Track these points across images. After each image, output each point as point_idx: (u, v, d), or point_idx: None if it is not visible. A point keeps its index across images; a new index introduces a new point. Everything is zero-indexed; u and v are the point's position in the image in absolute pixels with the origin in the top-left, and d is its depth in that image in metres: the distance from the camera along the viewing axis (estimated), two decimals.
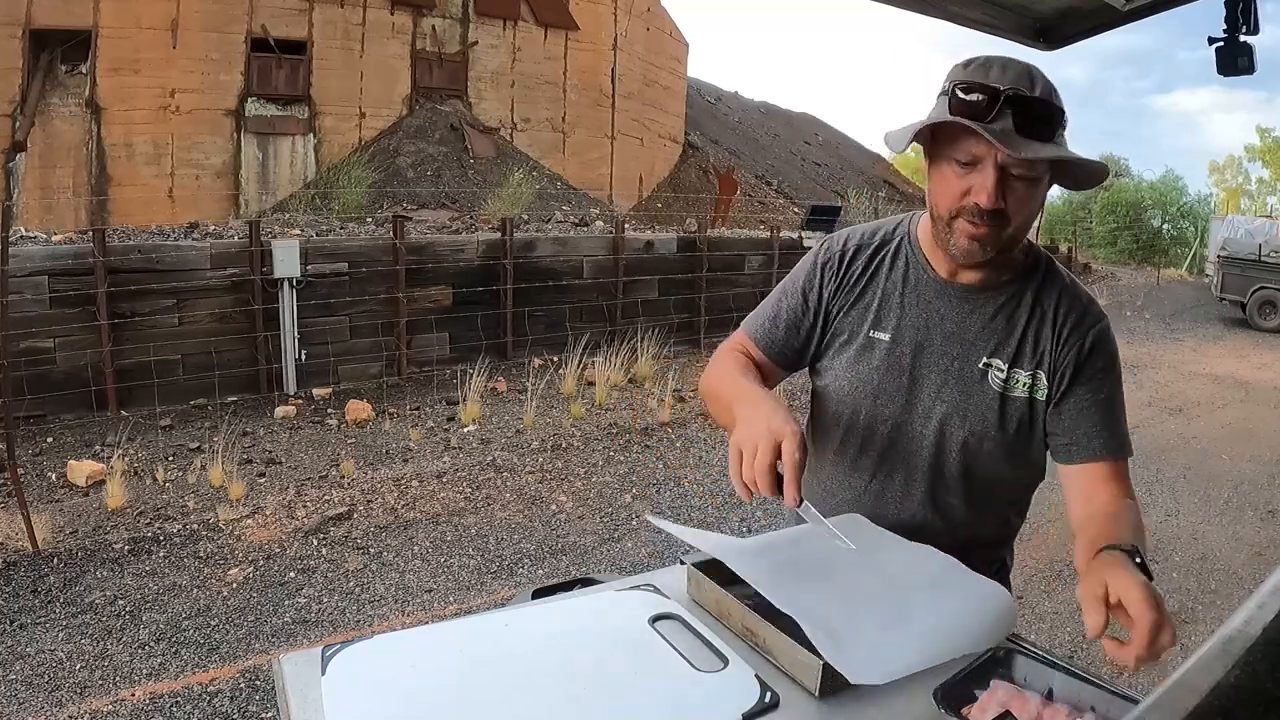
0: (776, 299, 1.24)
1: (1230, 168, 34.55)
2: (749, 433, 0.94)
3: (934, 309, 1.14)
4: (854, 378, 1.17)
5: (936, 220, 1.07)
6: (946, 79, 1.03)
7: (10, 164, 10.72)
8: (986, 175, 0.98)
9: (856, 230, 1.23)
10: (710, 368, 1.23)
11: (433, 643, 0.86)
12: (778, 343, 1.22)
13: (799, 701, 0.76)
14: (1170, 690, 0.26)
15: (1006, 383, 1.11)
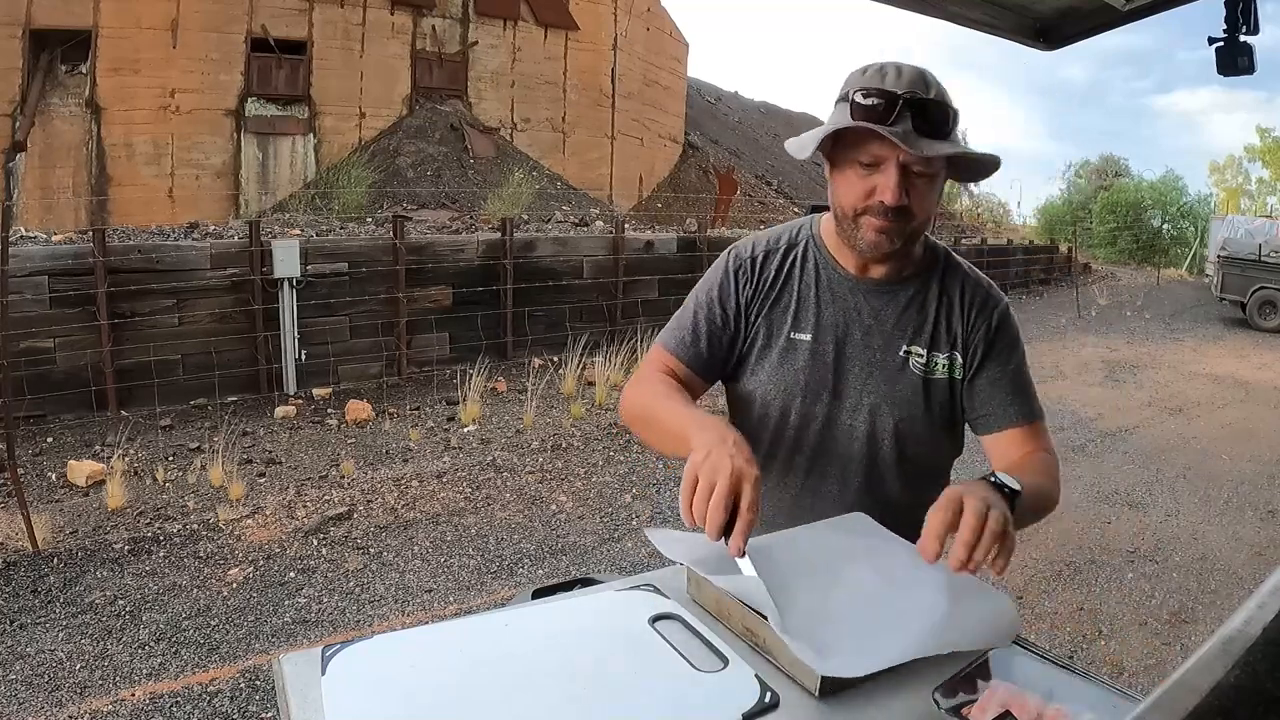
0: (692, 311, 1.23)
1: (1230, 168, 34.53)
2: (711, 464, 0.90)
3: (850, 305, 1.19)
4: (780, 380, 1.19)
5: (842, 219, 1.13)
6: (845, 86, 1.08)
7: (10, 164, 10.73)
8: (890, 175, 1.05)
9: (760, 236, 1.26)
10: (635, 390, 1.20)
11: (433, 643, 0.86)
12: (701, 356, 1.21)
13: (799, 701, 0.76)
14: (1170, 690, 0.26)
15: (927, 366, 1.17)
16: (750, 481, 0.88)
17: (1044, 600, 3.47)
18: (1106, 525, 4.34)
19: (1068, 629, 3.23)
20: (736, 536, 0.87)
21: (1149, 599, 3.49)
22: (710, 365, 1.22)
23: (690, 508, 0.89)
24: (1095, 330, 11.82)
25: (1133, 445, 5.92)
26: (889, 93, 1.03)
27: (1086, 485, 4.97)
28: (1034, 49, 1.69)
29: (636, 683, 0.77)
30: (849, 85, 1.07)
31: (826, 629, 0.82)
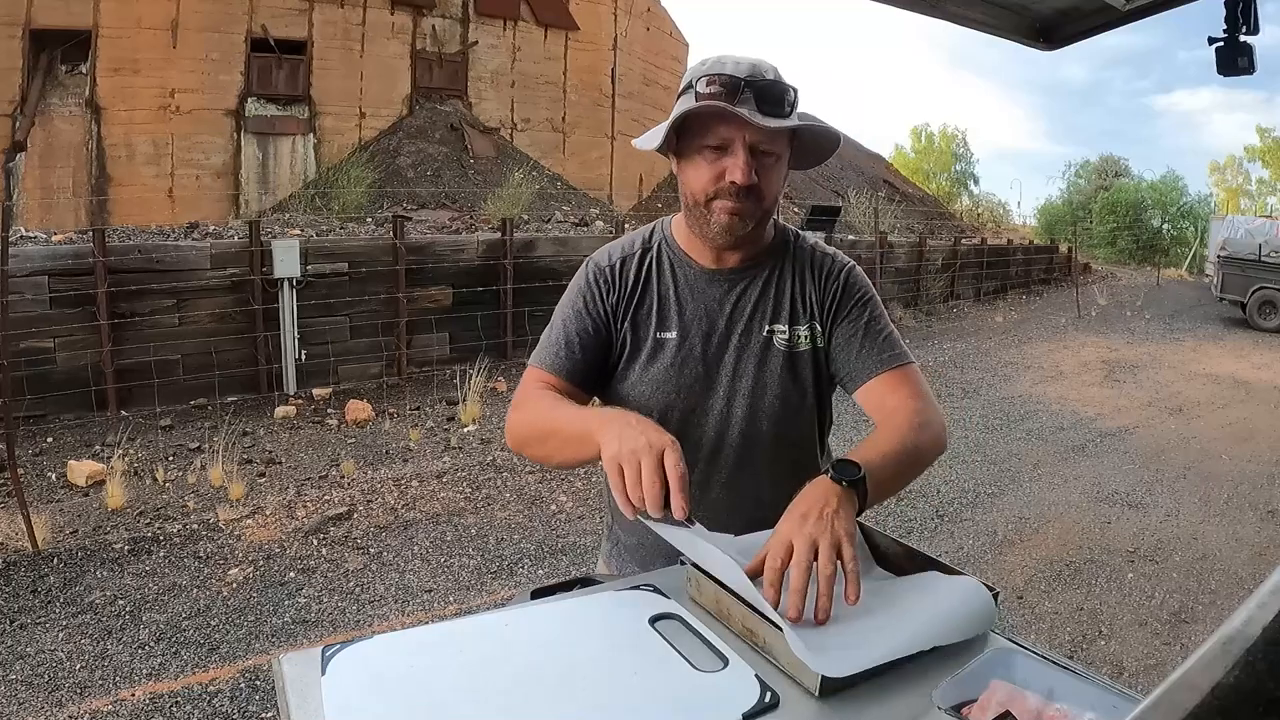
0: (561, 326, 1.23)
1: (1230, 168, 34.54)
2: (627, 447, 0.90)
3: (710, 297, 1.22)
4: (651, 380, 1.20)
5: (694, 208, 1.15)
6: (687, 78, 1.12)
7: (10, 164, 10.73)
8: (739, 154, 1.08)
9: (615, 244, 1.28)
10: (520, 411, 1.17)
11: (433, 643, 0.86)
12: (578, 368, 1.21)
13: (799, 701, 0.76)
14: (1170, 690, 0.26)
15: (790, 342, 1.21)
16: (668, 448, 0.89)
17: (1044, 600, 3.47)
18: (1106, 525, 4.34)
19: (1068, 629, 3.23)
20: (676, 498, 0.87)
21: (1149, 599, 3.49)
22: (587, 376, 1.22)
23: (626, 497, 0.89)
24: (1095, 330, 11.82)
25: (1133, 445, 5.92)
26: (730, 76, 1.07)
27: (1086, 485, 4.97)
28: (1034, 49, 1.69)
29: (636, 683, 0.77)
30: (691, 75, 1.11)
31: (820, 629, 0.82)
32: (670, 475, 0.88)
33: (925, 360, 9.00)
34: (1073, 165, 31.50)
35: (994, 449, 5.68)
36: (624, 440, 0.91)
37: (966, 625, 0.86)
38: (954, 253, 14.17)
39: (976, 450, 5.64)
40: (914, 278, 12.88)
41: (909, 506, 4.49)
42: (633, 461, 0.89)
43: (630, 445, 0.90)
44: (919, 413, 1.15)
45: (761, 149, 1.10)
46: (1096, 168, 30.44)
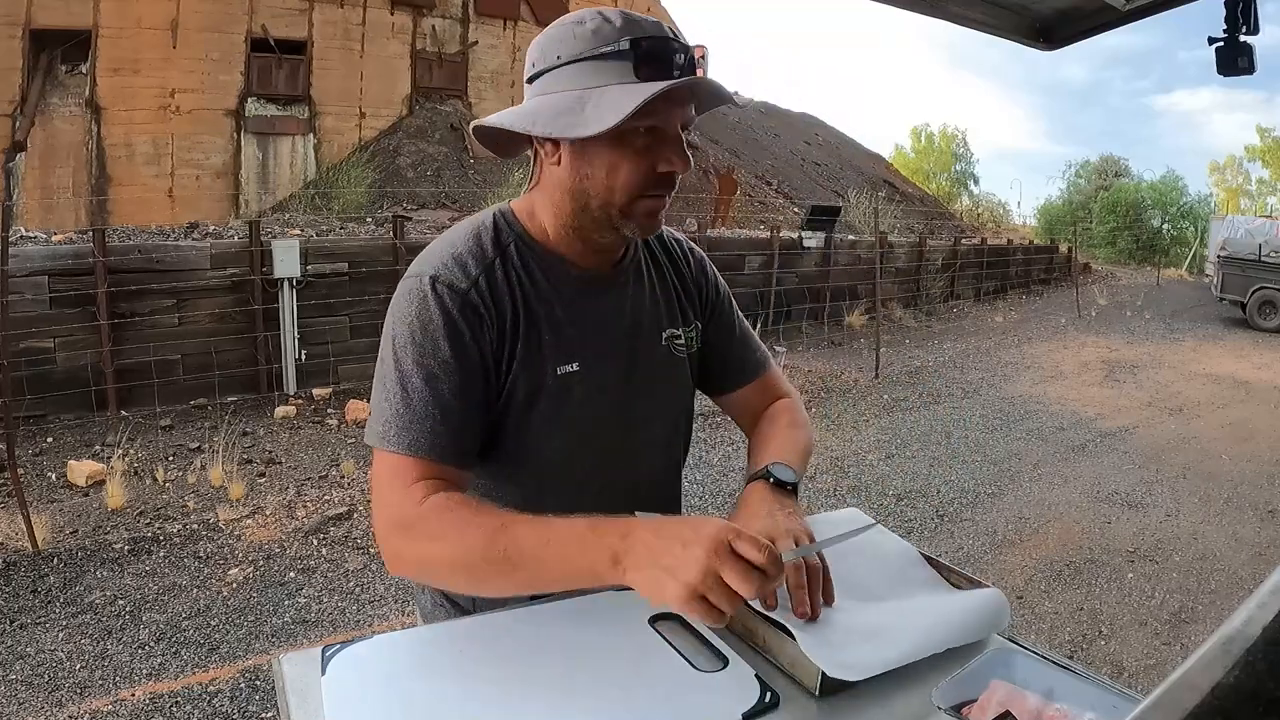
0: (421, 389, 0.87)
1: (1230, 168, 34.55)
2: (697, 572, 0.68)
3: (601, 309, 0.99)
4: (560, 427, 0.96)
5: (601, 209, 0.90)
6: (598, 39, 0.85)
7: (10, 164, 10.73)
8: (673, 140, 0.88)
9: (457, 251, 0.93)
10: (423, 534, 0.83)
11: (433, 643, 0.86)
12: (469, 443, 0.91)
13: (799, 701, 0.76)
14: (1170, 690, 0.26)
15: (686, 344, 1.08)
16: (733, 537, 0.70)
17: (1044, 600, 3.47)
18: (1106, 525, 4.34)
19: (1068, 629, 3.23)
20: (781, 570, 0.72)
21: (1149, 599, 3.49)
22: (475, 448, 0.92)
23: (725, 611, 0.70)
24: (1095, 330, 11.82)
25: (1133, 445, 5.92)
26: (671, 40, 0.86)
27: (1086, 485, 4.97)
28: (1034, 49, 1.70)
29: (636, 683, 0.77)
30: (604, 39, 0.85)
31: (830, 630, 0.82)
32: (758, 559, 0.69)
33: (925, 360, 9.01)
34: (1073, 165, 31.52)
35: (994, 449, 5.68)
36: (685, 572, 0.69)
37: (979, 627, 0.86)
38: (954, 253, 14.17)
39: (976, 450, 5.64)
40: (914, 278, 12.88)
41: (909, 507, 4.49)
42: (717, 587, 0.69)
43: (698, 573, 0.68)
44: (798, 411, 1.14)
45: (688, 126, 0.90)
46: (1096, 168, 30.45)
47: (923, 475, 5.04)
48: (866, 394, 7.24)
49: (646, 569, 0.71)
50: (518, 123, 0.90)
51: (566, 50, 0.87)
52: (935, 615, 0.87)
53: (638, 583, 0.72)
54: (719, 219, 13.24)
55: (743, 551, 0.69)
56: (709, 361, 1.13)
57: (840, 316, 10.76)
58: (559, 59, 0.87)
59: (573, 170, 0.90)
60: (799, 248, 10.50)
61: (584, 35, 0.86)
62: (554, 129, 0.87)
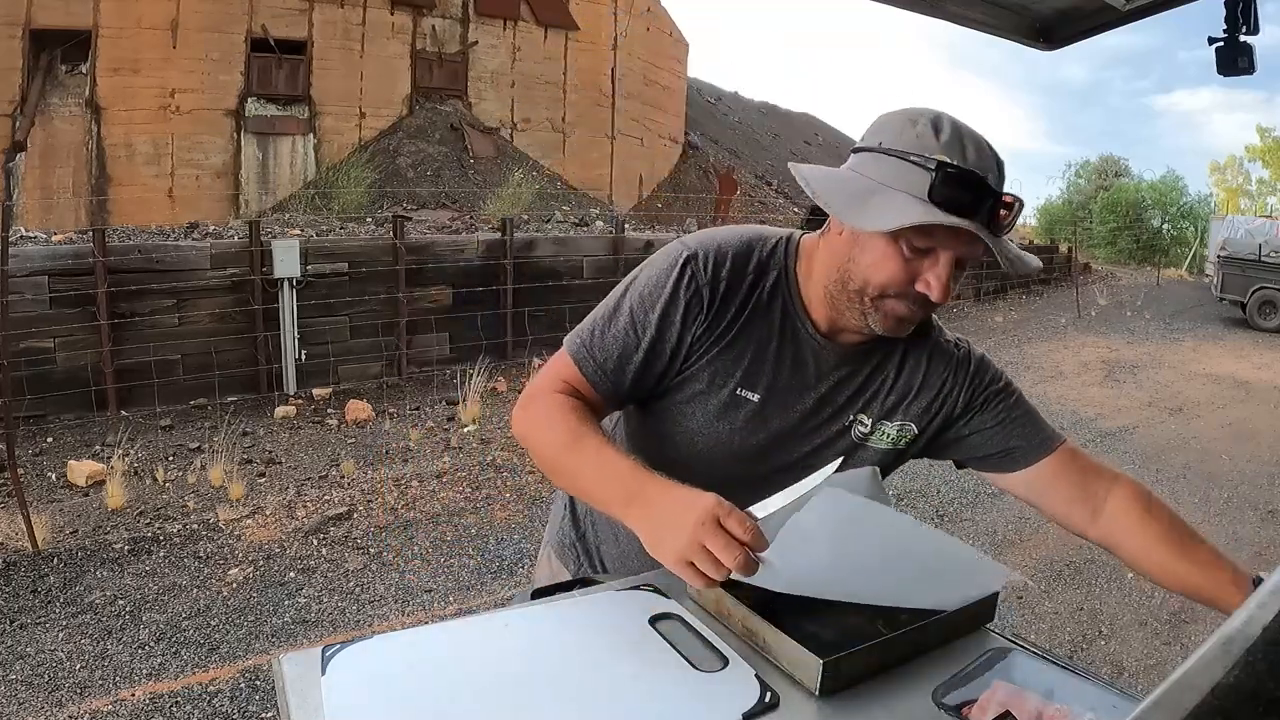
0: (622, 328, 1.00)
1: (1230, 168, 34.54)
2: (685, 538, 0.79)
3: (810, 369, 1.03)
4: (714, 435, 1.04)
5: (856, 294, 0.95)
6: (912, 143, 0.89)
7: (10, 164, 10.73)
8: (943, 268, 0.91)
9: (724, 245, 1.02)
10: (536, 422, 0.99)
11: (433, 643, 0.86)
12: (621, 387, 1.01)
13: (799, 701, 0.76)
14: (1170, 689, 0.26)
15: (870, 435, 1.06)
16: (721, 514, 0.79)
17: (1044, 600, 3.47)
18: None
19: (1068, 629, 3.23)
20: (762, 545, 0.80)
21: (1149, 599, 3.49)
22: (626, 398, 1.04)
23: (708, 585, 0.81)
24: (1095, 330, 11.82)
25: (1133, 445, 5.92)
26: (980, 179, 0.88)
27: None
28: (1034, 49, 1.69)
29: (636, 683, 0.77)
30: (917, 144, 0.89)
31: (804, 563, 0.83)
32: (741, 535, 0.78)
33: None
34: (1073, 165, 31.49)
35: None
36: (675, 536, 0.80)
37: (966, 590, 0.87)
38: None
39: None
40: None
41: (909, 507, 4.50)
42: (702, 555, 0.79)
43: (678, 539, 0.79)
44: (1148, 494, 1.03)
45: (963, 262, 0.92)
46: (1096, 168, 30.43)
47: (922, 475, 5.04)
48: None
49: (647, 524, 0.83)
50: (815, 187, 0.95)
51: (889, 139, 0.92)
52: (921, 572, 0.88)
53: (640, 532, 0.84)
54: (719, 219, 13.23)
55: (729, 526, 0.77)
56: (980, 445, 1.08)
57: None
58: (879, 144, 0.92)
59: (847, 247, 0.96)
60: None
61: (909, 135, 0.90)
62: (836, 209, 0.93)
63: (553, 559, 1.26)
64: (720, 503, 0.80)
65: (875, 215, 0.88)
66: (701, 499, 0.80)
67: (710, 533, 0.78)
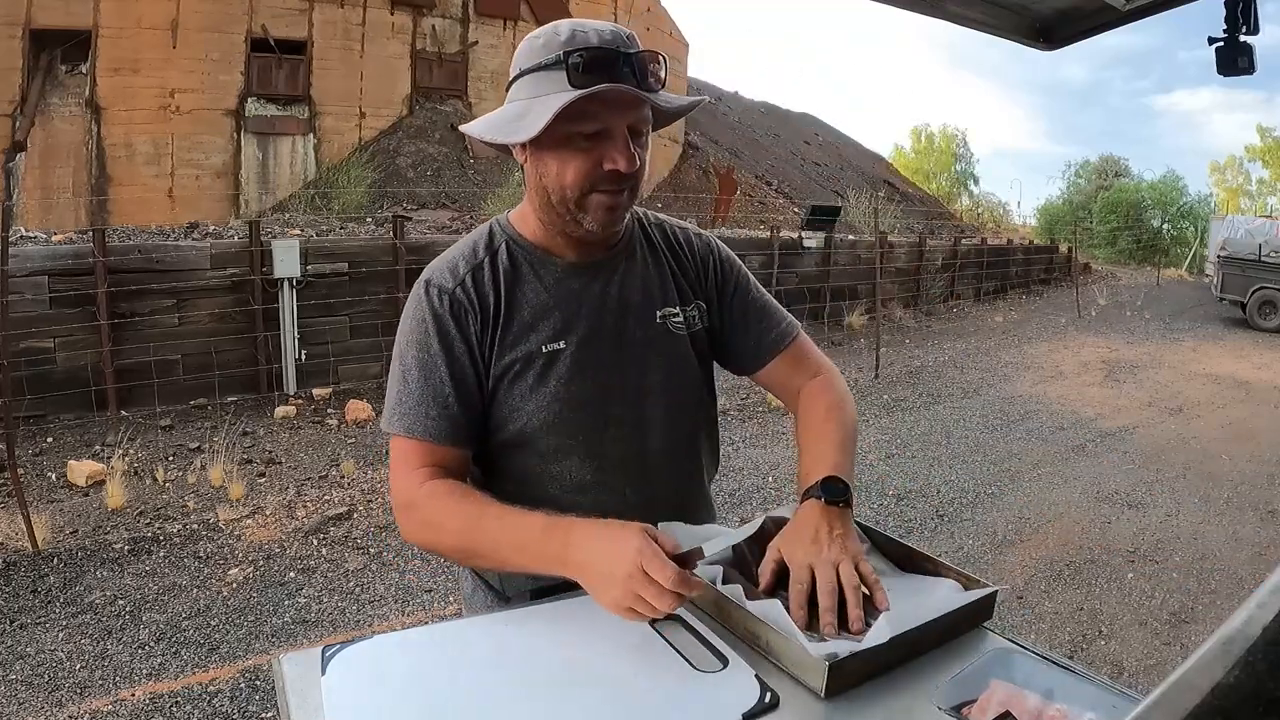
0: (421, 377, 1.01)
1: (1231, 168, 34.56)
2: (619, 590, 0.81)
3: (589, 293, 1.07)
4: (551, 400, 1.03)
5: (560, 205, 0.99)
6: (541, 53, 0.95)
7: (10, 164, 10.73)
8: (619, 141, 0.95)
9: (451, 258, 1.07)
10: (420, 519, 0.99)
11: (433, 643, 0.86)
12: (461, 426, 1.02)
13: (799, 701, 0.76)
14: (1170, 690, 0.26)
15: (686, 323, 1.11)
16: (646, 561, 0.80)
17: (1044, 600, 3.47)
18: (1106, 525, 4.34)
19: (1068, 629, 3.23)
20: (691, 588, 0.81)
21: (1149, 599, 3.49)
22: (471, 431, 1.04)
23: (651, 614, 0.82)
24: (1095, 330, 11.82)
25: (1133, 445, 5.92)
26: (609, 50, 0.92)
27: (1086, 485, 4.97)
28: (1034, 49, 1.69)
29: (636, 683, 0.77)
30: (545, 52, 0.94)
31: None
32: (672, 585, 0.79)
33: (925, 360, 9.01)
34: (1073, 165, 31.54)
35: (994, 449, 5.68)
36: (609, 588, 0.82)
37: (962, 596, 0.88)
38: (954, 253, 14.17)
39: (976, 450, 5.64)
40: (914, 278, 12.88)
41: (909, 507, 4.50)
42: (639, 602, 0.81)
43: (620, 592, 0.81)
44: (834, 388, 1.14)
45: (638, 129, 0.97)
46: (1096, 168, 30.45)
47: (922, 475, 5.04)
48: (866, 394, 7.24)
49: (584, 578, 0.86)
50: (473, 130, 1.01)
51: (523, 63, 0.97)
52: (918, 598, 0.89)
53: (582, 584, 0.86)
54: (719, 219, 13.23)
55: (654, 574, 0.79)
56: (729, 340, 1.15)
57: (840, 316, 10.76)
58: (519, 71, 0.98)
59: (534, 171, 1.00)
60: (799, 248, 10.50)
61: (535, 49, 0.96)
62: (497, 135, 0.98)
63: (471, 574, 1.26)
64: (643, 549, 0.81)
65: (532, 122, 0.92)
66: (626, 545, 0.82)
67: (641, 584, 0.80)
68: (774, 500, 4.56)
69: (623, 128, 0.95)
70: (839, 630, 0.83)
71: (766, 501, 4.52)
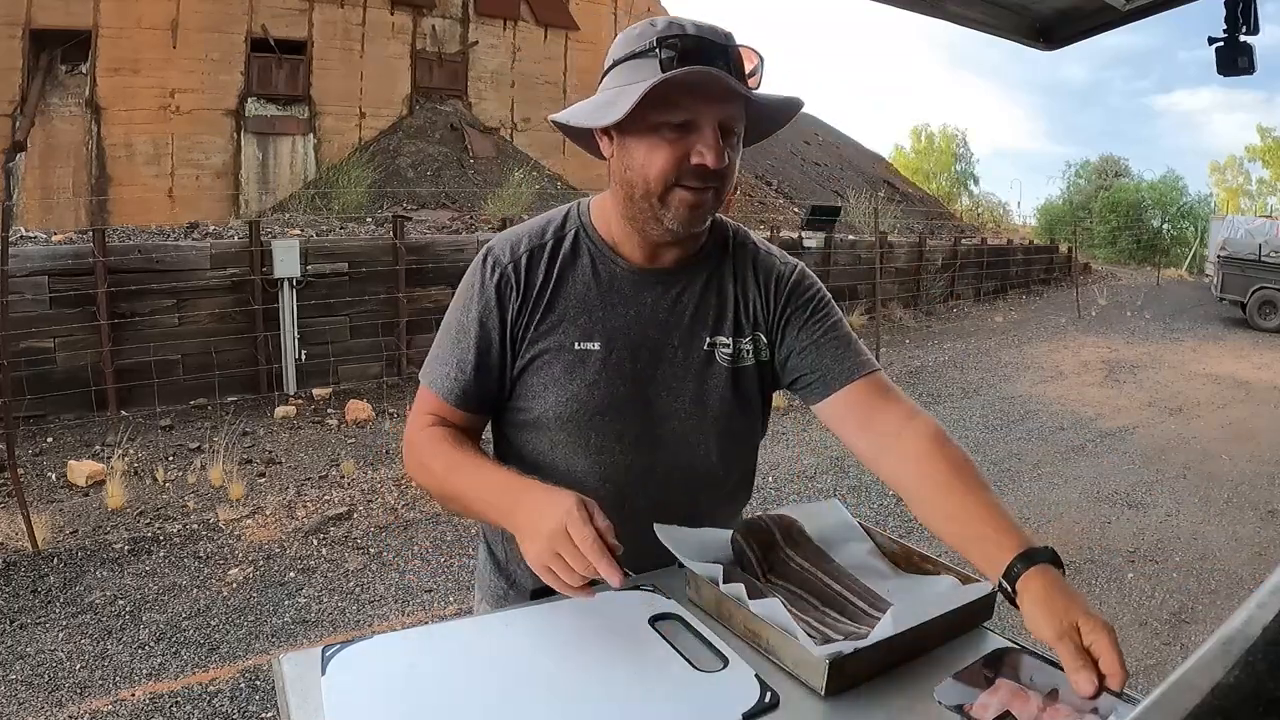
0: (453, 340, 1.04)
1: (1231, 168, 34.57)
2: (542, 544, 0.82)
3: (640, 302, 1.03)
4: (570, 399, 1.01)
5: (643, 199, 0.96)
6: (636, 41, 0.93)
7: (10, 164, 10.73)
8: (708, 133, 0.91)
9: (519, 233, 1.06)
10: (416, 457, 1.04)
11: (433, 643, 0.86)
12: (473, 392, 1.03)
13: (799, 701, 0.76)
14: (1170, 690, 0.26)
15: (734, 356, 1.06)
16: (571, 515, 0.81)
17: None
18: (1106, 525, 4.34)
19: None
20: (609, 572, 0.79)
21: (1149, 599, 3.49)
22: (484, 399, 1.05)
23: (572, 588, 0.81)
24: (1095, 330, 11.82)
25: (1133, 445, 5.92)
26: (705, 38, 0.90)
27: (1086, 485, 4.96)
28: (1034, 49, 1.69)
29: (636, 683, 0.77)
30: (640, 41, 0.92)
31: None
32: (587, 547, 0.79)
33: (925, 360, 9.00)
34: (1073, 165, 31.53)
35: (994, 449, 5.68)
36: (531, 532, 0.84)
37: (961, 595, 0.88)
38: (954, 253, 14.17)
39: (976, 450, 5.64)
40: (914, 278, 12.89)
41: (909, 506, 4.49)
42: (556, 560, 0.81)
43: (540, 541, 0.82)
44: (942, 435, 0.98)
45: (730, 126, 0.94)
46: (1096, 168, 30.46)
47: None
48: None
49: (520, 531, 0.87)
50: (564, 117, 1.00)
51: (616, 53, 0.96)
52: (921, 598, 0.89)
53: (517, 538, 0.88)
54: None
55: (575, 536, 0.80)
56: (799, 367, 1.06)
57: None
58: (612, 61, 0.96)
59: (619, 161, 0.98)
60: (799, 248, 10.50)
61: (630, 39, 0.95)
62: (585, 120, 0.97)
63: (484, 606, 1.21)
64: (571, 511, 0.81)
65: (618, 108, 0.91)
66: (558, 506, 0.82)
67: (562, 541, 0.80)
68: (774, 500, 4.56)
69: (713, 120, 0.92)
70: (837, 629, 0.83)
71: (766, 502, 4.52)
